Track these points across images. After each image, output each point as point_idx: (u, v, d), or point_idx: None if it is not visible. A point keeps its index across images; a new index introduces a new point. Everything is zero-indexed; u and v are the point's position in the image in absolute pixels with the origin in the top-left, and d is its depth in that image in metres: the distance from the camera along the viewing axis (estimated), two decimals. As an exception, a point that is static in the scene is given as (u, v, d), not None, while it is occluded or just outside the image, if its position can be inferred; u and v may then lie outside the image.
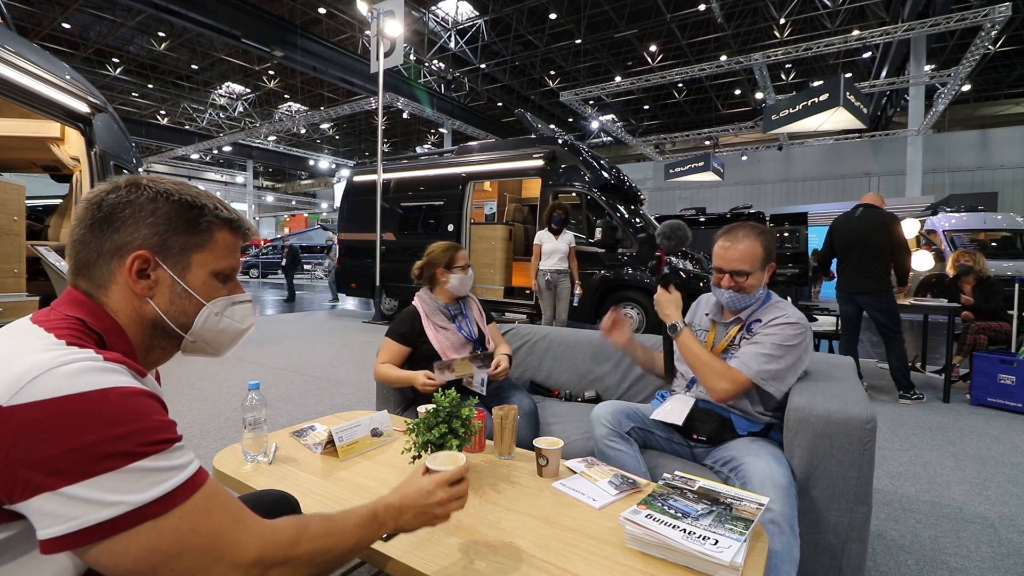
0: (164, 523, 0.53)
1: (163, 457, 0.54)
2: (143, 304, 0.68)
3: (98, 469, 0.50)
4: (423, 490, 0.78)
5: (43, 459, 0.49)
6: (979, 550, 1.82)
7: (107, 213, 0.66)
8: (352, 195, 8.47)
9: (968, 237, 8.13)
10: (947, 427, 3.22)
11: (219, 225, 0.73)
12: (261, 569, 0.58)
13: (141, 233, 0.67)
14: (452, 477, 0.81)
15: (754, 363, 1.45)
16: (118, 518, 0.50)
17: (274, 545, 0.60)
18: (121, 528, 0.51)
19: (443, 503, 0.79)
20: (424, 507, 0.77)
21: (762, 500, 1.05)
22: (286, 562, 0.60)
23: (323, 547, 0.64)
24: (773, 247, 1.60)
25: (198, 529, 0.55)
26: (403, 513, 0.75)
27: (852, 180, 18.06)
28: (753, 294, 1.56)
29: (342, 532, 0.67)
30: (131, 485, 0.51)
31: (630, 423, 1.55)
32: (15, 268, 3.52)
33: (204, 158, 27.83)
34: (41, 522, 0.50)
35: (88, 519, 0.49)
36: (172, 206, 0.69)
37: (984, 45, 10.57)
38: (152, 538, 0.52)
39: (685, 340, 1.57)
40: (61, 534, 0.49)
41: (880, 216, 3.82)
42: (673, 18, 14.67)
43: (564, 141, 6.84)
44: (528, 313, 6.64)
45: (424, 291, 2.12)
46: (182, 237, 0.70)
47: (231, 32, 13.33)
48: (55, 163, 4.28)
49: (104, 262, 0.66)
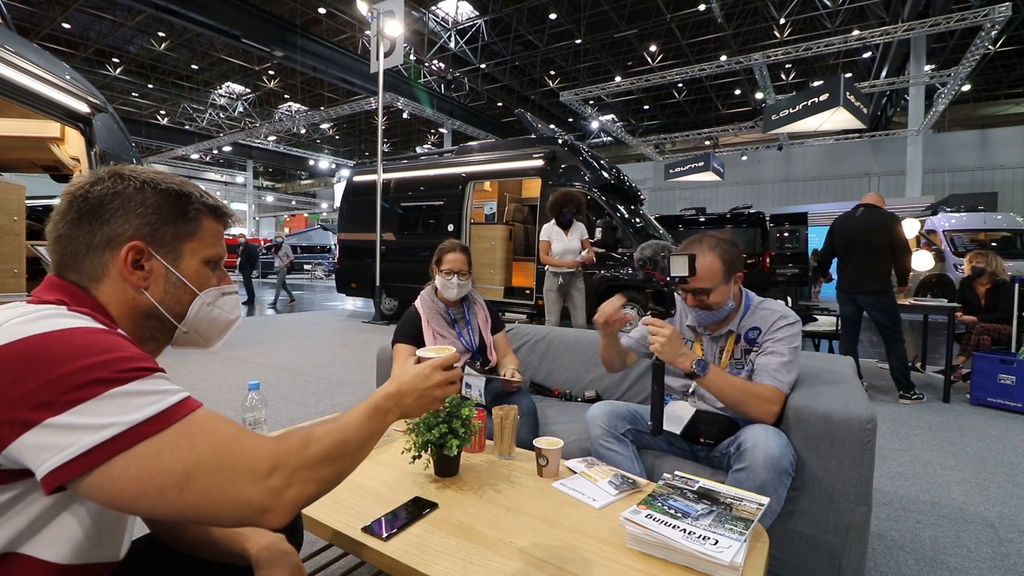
0: (160, 440, 0.51)
1: (148, 383, 0.53)
2: (138, 295, 0.67)
3: (81, 396, 0.49)
4: (420, 375, 0.78)
5: (21, 395, 0.48)
6: (979, 550, 1.81)
7: (94, 205, 0.65)
8: (352, 195, 8.47)
9: (968, 237, 8.13)
10: (947, 427, 3.22)
11: (205, 213, 0.73)
12: (281, 477, 0.56)
13: (132, 224, 0.66)
14: (445, 362, 0.81)
15: (782, 375, 1.41)
16: (112, 439, 0.49)
17: (285, 451, 0.58)
18: (119, 448, 0.49)
19: (440, 385, 0.79)
20: (423, 391, 0.77)
21: (762, 500, 1.05)
22: (302, 465, 0.58)
23: (335, 443, 0.63)
24: (735, 256, 1.51)
25: (199, 446, 0.53)
26: (403, 399, 0.75)
27: (852, 180, 18.06)
28: (722, 308, 1.50)
29: (349, 426, 0.66)
30: (119, 408, 0.50)
31: (626, 424, 1.54)
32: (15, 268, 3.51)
33: (204, 158, 27.83)
34: (36, 459, 0.49)
35: (82, 444, 0.48)
36: (160, 195, 0.68)
37: (984, 45, 10.57)
38: (151, 458, 0.50)
39: (717, 378, 1.40)
40: (59, 464, 0.48)
41: (881, 216, 3.82)
42: (673, 18, 14.67)
43: (564, 141, 6.84)
44: (528, 313, 6.63)
45: (427, 291, 2.07)
46: (172, 226, 0.69)
47: (231, 32, 13.33)
48: (55, 163, 4.28)
49: (95, 255, 0.65)
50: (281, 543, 0.79)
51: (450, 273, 1.97)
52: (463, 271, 1.99)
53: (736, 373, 1.49)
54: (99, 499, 0.51)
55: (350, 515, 1.10)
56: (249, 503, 0.54)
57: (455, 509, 1.14)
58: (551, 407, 2.03)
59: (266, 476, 0.55)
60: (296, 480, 0.57)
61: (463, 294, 2.02)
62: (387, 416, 0.72)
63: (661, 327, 1.38)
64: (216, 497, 0.53)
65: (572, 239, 4.41)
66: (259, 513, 0.55)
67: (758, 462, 1.25)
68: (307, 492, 0.59)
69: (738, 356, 1.52)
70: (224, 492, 0.53)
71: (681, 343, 1.40)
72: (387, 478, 1.29)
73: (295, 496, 0.57)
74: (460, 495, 1.21)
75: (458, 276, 1.98)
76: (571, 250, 4.40)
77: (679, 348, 1.38)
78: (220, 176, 31.93)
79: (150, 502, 0.51)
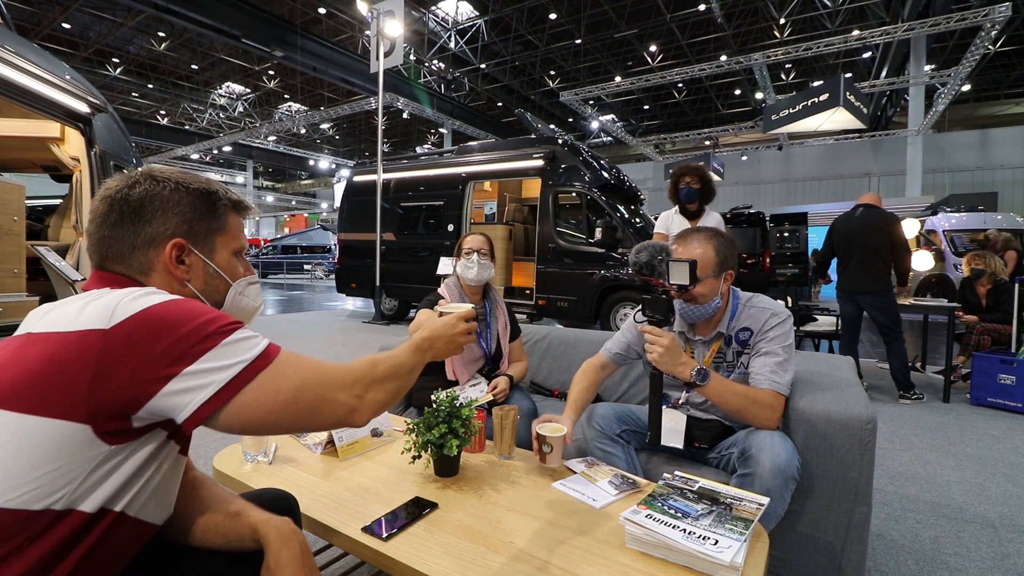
0: (274, 369, 0.66)
1: (244, 332, 0.67)
2: (182, 288, 0.76)
3: (205, 347, 0.62)
4: (447, 323, 0.93)
5: (160, 352, 0.60)
6: (979, 550, 1.81)
7: (135, 207, 0.72)
8: (352, 195, 8.47)
9: (968, 237, 8.13)
10: (947, 427, 3.22)
11: (230, 208, 0.82)
12: (361, 387, 0.72)
13: (172, 223, 0.74)
14: (467, 315, 0.96)
15: (779, 376, 1.36)
16: (241, 373, 0.63)
17: (359, 369, 0.73)
18: (246, 380, 0.63)
19: (463, 333, 0.94)
20: (451, 337, 0.92)
21: (762, 500, 1.05)
22: (375, 378, 0.74)
23: (393, 365, 0.78)
24: (731, 253, 1.47)
25: (299, 371, 0.67)
26: (435, 342, 0.90)
27: (852, 180, 18.05)
28: (707, 304, 1.45)
29: (401, 356, 0.82)
30: (234, 351, 0.64)
31: (622, 425, 1.51)
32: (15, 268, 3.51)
33: (204, 158, 27.80)
34: (178, 403, 0.60)
35: (219, 380, 0.62)
36: (192, 195, 0.77)
37: (984, 45, 10.57)
38: (269, 382, 0.65)
39: (718, 386, 1.35)
40: (204, 400, 0.61)
41: (880, 216, 3.82)
42: (673, 18, 14.67)
43: (564, 141, 6.84)
44: (528, 313, 6.64)
45: (451, 279, 2.05)
46: (205, 223, 0.78)
47: (231, 32, 13.33)
48: (55, 163, 4.27)
49: (140, 252, 0.73)
50: (289, 523, 0.81)
51: (470, 252, 1.96)
52: (483, 249, 1.98)
53: (727, 375, 1.46)
54: (236, 424, 0.64)
55: (350, 515, 1.10)
56: (342, 404, 0.70)
57: (455, 509, 1.14)
58: (551, 407, 2.03)
59: (351, 386, 0.71)
60: (372, 389, 0.73)
61: (484, 276, 1.99)
62: (424, 354, 0.87)
63: (659, 336, 1.33)
64: (320, 404, 0.68)
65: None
66: (350, 412, 0.71)
67: (765, 469, 1.22)
68: (380, 398, 0.74)
69: (730, 358, 1.48)
70: (325, 399, 0.68)
71: (681, 352, 1.35)
72: (387, 478, 1.29)
73: (372, 400, 0.73)
74: (460, 495, 1.21)
75: (478, 255, 1.96)
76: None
77: (678, 357, 1.33)
78: (220, 176, 31.84)
79: (276, 416, 0.65)
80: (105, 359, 0.58)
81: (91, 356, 0.58)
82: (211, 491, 0.88)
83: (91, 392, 0.58)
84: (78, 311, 0.61)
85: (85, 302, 0.63)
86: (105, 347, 0.58)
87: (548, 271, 6.43)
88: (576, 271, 6.19)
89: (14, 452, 0.57)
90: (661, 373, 1.33)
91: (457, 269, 2.00)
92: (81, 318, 0.60)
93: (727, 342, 1.49)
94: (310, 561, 0.79)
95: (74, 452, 0.59)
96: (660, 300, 1.31)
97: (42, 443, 0.57)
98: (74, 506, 0.60)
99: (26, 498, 0.57)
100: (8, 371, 0.60)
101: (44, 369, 0.58)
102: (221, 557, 0.82)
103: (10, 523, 0.56)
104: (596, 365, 1.67)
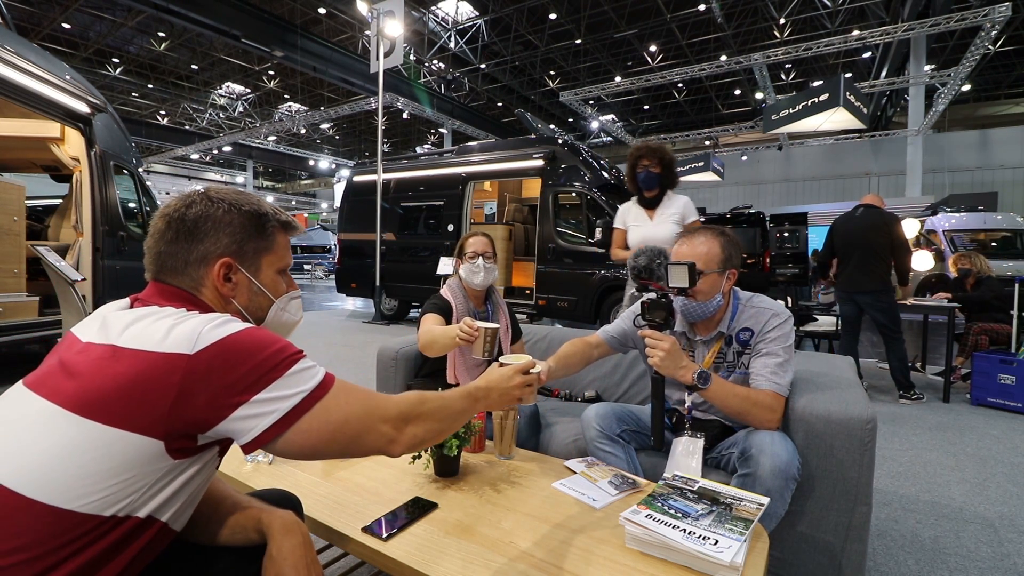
0: (328, 400, 0.70)
1: (304, 362, 0.71)
2: (228, 304, 0.81)
3: (273, 377, 0.67)
4: (504, 376, 0.96)
5: (234, 380, 0.65)
6: (979, 550, 1.81)
7: (191, 227, 0.77)
8: (352, 195, 8.47)
9: (968, 237, 8.13)
10: (947, 427, 3.22)
11: (279, 228, 0.86)
12: (404, 421, 0.77)
13: (223, 243, 0.78)
14: (525, 367, 1.00)
15: (779, 377, 1.36)
16: (300, 403, 0.68)
17: (407, 403, 0.78)
18: (304, 410, 0.68)
19: (519, 387, 0.97)
20: (507, 389, 0.96)
21: (762, 500, 1.05)
22: (420, 415, 0.78)
23: (440, 407, 0.83)
24: (735, 252, 1.47)
25: (351, 401, 0.72)
26: (491, 393, 0.94)
27: (852, 180, 18.05)
28: (708, 302, 1.43)
29: (450, 399, 0.85)
30: (296, 381, 0.68)
31: (622, 425, 1.51)
32: (15, 268, 3.51)
33: (204, 158, 27.81)
34: (244, 428, 0.65)
35: (282, 409, 0.66)
36: (243, 216, 0.81)
37: (984, 45, 10.56)
38: (323, 413, 0.69)
39: (719, 389, 1.34)
40: (267, 427, 0.65)
41: (881, 216, 3.82)
42: (673, 18, 14.66)
43: (564, 141, 6.84)
44: (528, 313, 6.64)
45: (453, 280, 2.02)
46: (254, 243, 0.82)
47: (231, 32, 13.32)
48: (55, 163, 4.27)
49: (192, 269, 0.77)
50: (292, 516, 0.84)
51: (475, 256, 1.93)
52: (488, 252, 1.95)
53: (728, 375, 1.46)
54: (290, 450, 0.68)
55: (350, 515, 1.10)
56: (383, 435, 0.75)
57: (455, 509, 1.14)
58: (551, 407, 2.03)
59: (394, 419, 0.76)
60: (413, 423, 0.78)
61: (491, 280, 1.98)
62: (476, 403, 0.90)
63: (660, 340, 1.32)
64: (364, 433, 0.73)
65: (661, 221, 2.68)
66: (388, 443, 0.76)
67: (765, 469, 1.22)
68: (419, 434, 0.78)
69: (731, 359, 1.48)
70: (368, 429, 0.73)
71: (682, 355, 1.34)
72: (387, 478, 1.29)
73: (411, 434, 0.77)
74: (460, 495, 1.21)
75: (483, 258, 1.94)
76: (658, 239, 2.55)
77: (680, 361, 1.32)
78: (220, 176, 31.88)
79: (324, 444, 0.70)
80: (187, 383, 0.63)
81: (175, 379, 0.62)
82: (216, 486, 0.89)
83: (171, 412, 0.62)
84: (165, 333, 0.66)
85: (171, 324, 0.67)
86: (189, 371, 0.63)
87: (548, 271, 6.43)
88: (576, 271, 6.20)
89: (95, 460, 0.61)
90: (663, 377, 1.32)
91: (461, 273, 1.97)
92: (168, 341, 0.65)
93: (728, 342, 1.49)
94: (312, 553, 0.80)
95: (145, 464, 0.63)
96: (660, 304, 1.31)
97: (120, 454, 0.61)
98: (133, 513, 0.64)
99: (99, 504, 0.61)
100: (94, 381, 0.63)
101: (131, 385, 0.62)
102: (227, 551, 0.83)
103: (77, 524, 0.60)
104: (588, 342, 1.66)
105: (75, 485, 0.60)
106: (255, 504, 0.86)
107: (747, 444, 1.31)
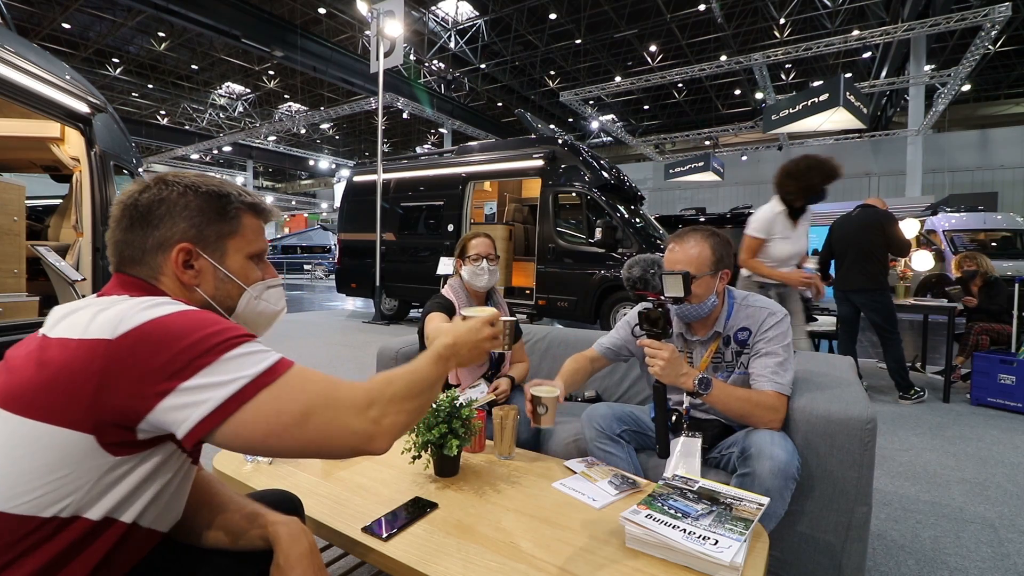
0: (277, 388, 0.62)
1: (251, 346, 0.63)
2: (192, 292, 0.75)
3: (205, 361, 0.59)
4: (472, 328, 0.89)
5: (158, 366, 0.58)
6: (979, 550, 1.81)
7: (144, 212, 0.72)
8: (352, 195, 8.47)
9: (968, 237, 8.14)
10: (947, 427, 3.22)
11: (245, 210, 0.79)
12: (378, 409, 0.67)
13: (179, 227, 0.73)
14: (491, 318, 0.93)
15: (781, 376, 1.36)
16: (239, 391, 0.60)
17: (375, 388, 0.68)
18: (246, 397, 0.60)
19: (488, 338, 0.90)
20: (476, 342, 0.88)
21: (762, 500, 1.05)
22: (392, 399, 0.68)
23: (411, 382, 0.73)
24: (726, 252, 1.48)
25: (308, 390, 0.63)
26: (459, 349, 0.85)
27: (852, 180, 18.02)
28: (703, 303, 1.44)
29: (420, 370, 0.76)
30: (237, 366, 0.61)
31: (622, 426, 1.51)
32: (15, 268, 3.51)
33: (204, 158, 27.79)
34: (176, 419, 0.58)
35: (216, 398, 0.59)
36: (201, 198, 0.74)
37: (984, 45, 10.56)
38: (272, 402, 0.61)
39: (721, 393, 1.34)
40: (201, 417, 0.58)
41: (876, 215, 3.81)
42: (673, 18, 14.67)
43: (564, 141, 6.84)
44: (528, 313, 6.64)
45: (455, 280, 2.02)
46: (215, 226, 0.75)
47: (231, 32, 13.33)
48: (55, 163, 4.27)
49: (150, 257, 0.72)
50: (298, 523, 0.82)
51: (478, 258, 1.92)
52: (491, 255, 1.95)
53: (727, 376, 1.46)
54: (235, 444, 0.61)
55: (350, 515, 1.10)
56: (357, 432, 0.65)
57: (455, 509, 1.14)
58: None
59: (365, 409, 0.66)
60: (389, 411, 0.68)
61: (494, 282, 1.98)
62: (447, 363, 0.82)
63: (659, 349, 1.32)
64: (331, 430, 0.63)
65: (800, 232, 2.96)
66: (366, 440, 0.65)
67: (764, 469, 1.22)
68: (400, 421, 0.69)
69: (729, 359, 1.48)
70: (336, 424, 0.63)
71: (682, 363, 1.34)
72: (387, 478, 1.29)
73: (391, 424, 0.67)
74: (460, 495, 1.21)
75: (487, 260, 1.93)
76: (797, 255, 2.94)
77: (680, 368, 1.33)
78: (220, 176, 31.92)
79: (278, 439, 0.61)
80: (108, 370, 0.58)
81: (95, 366, 0.58)
82: (219, 492, 0.88)
83: (95, 403, 0.57)
84: (89, 319, 0.61)
85: (97, 310, 0.62)
86: (109, 358, 0.58)
87: (548, 271, 6.43)
88: (576, 271, 6.20)
89: (24, 457, 0.57)
90: (664, 385, 1.32)
91: (464, 275, 1.97)
92: (91, 327, 0.60)
93: (725, 342, 1.49)
94: (318, 560, 0.79)
95: (80, 461, 0.58)
96: (657, 313, 1.31)
97: (50, 450, 0.57)
98: (80, 513, 0.60)
99: (35, 504, 0.57)
100: (20, 375, 0.60)
101: (53, 376, 0.58)
102: (229, 556, 0.82)
103: (17, 528, 0.56)
104: (587, 356, 1.71)
105: (11, 485, 0.56)
106: (260, 510, 0.84)
107: (747, 444, 1.31)
